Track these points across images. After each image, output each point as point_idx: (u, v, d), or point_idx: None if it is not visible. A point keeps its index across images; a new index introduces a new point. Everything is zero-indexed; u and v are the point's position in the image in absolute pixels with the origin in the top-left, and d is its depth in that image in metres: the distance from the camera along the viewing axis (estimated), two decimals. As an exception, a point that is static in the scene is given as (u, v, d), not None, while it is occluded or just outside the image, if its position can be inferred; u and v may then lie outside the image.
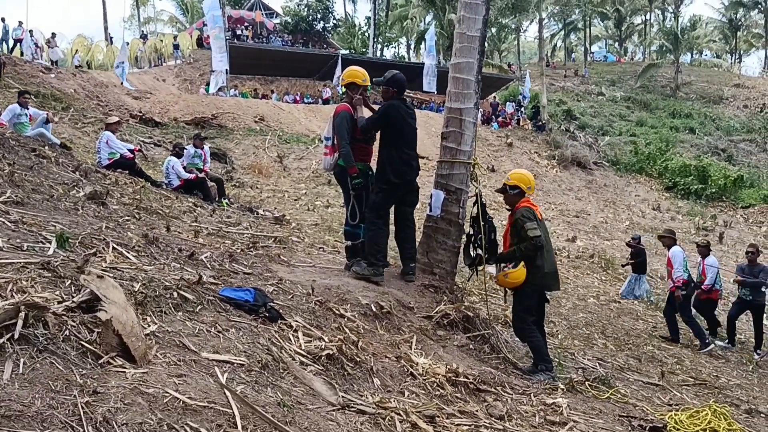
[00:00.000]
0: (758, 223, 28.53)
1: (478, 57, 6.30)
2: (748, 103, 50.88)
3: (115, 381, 2.63)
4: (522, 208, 5.82)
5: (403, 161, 6.05)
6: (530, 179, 6.05)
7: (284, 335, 3.93)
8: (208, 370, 3.05)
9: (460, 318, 5.66)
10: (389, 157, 6.01)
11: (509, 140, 31.95)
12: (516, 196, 5.93)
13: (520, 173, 6.19)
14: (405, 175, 6.06)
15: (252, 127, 25.33)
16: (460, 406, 4.06)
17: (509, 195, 5.98)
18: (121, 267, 3.99)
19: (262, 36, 45.78)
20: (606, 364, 7.09)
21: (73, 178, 7.88)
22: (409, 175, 6.09)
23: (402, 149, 6.03)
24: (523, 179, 6.00)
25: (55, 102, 20.01)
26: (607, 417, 4.89)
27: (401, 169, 6.03)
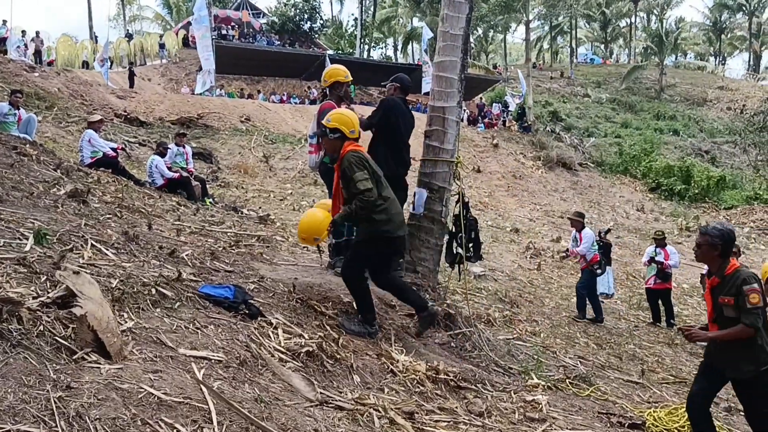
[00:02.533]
0: (740, 224, 28.79)
1: (461, 55, 6.33)
2: (731, 105, 51.34)
3: (89, 376, 2.62)
4: (348, 153, 4.88)
5: (395, 156, 6.09)
6: (353, 121, 5.06)
7: (264, 332, 3.92)
8: (185, 366, 3.04)
9: (441, 316, 5.68)
10: (381, 152, 6.04)
11: (495, 141, 32.05)
12: (337, 140, 4.98)
13: (341, 113, 5.16)
14: (397, 168, 6.10)
15: (238, 127, 25.23)
16: (439, 402, 4.07)
17: (329, 140, 5.04)
18: (99, 264, 3.97)
19: (249, 36, 45.64)
20: (587, 362, 7.14)
21: (55, 176, 7.80)
22: (400, 170, 6.14)
23: (395, 145, 6.08)
24: (345, 121, 5.02)
25: (39, 101, 19.82)
26: (587, 414, 4.92)
27: (393, 163, 6.07)
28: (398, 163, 6.15)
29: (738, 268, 4.31)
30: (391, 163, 6.08)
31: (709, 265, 4.56)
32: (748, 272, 4.28)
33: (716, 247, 4.34)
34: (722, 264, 4.36)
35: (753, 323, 4.12)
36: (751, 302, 4.11)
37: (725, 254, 4.37)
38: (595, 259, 10.43)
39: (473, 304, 7.11)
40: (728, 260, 4.37)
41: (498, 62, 64.74)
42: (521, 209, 25.88)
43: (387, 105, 6.13)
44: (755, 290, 4.13)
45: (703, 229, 4.53)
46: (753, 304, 4.11)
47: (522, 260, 16.68)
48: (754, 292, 4.12)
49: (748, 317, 4.13)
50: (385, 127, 6.08)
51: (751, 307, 4.11)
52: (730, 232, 4.42)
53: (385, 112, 6.07)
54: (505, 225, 21.51)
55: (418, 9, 46.95)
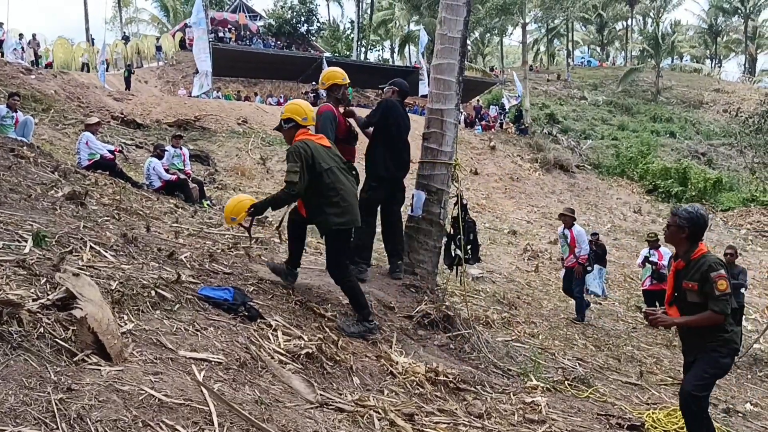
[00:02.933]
0: (737, 225, 28.88)
1: (459, 58, 6.35)
2: (727, 107, 51.46)
3: (90, 378, 2.61)
4: (296, 142, 4.91)
5: (393, 158, 6.11)
6: (306, 110, 5.07)
7: (263, 334, 3.92)
8: (186, 368, 3.04)
9: (440, 318, 5.69)
10: (379, 154, 6.06)
11: (492, 143, 32.06)
12: (291, 129, 5.00)
13: (295, 103, 5.19)
14: (396, 170, 6.12)
15: (235, 129, 25.20)
16: (439, 404, 4.08)
17: (284, 130, 5.07)
18: (99, 266, 3.96)
19: (246, 38, 45.64)
20: (586, 364, 7.14)
21: (52, 179, 7.80)
22: (399, 172, 6.16)
23: (394, 146, 6.10)
24: (298, 110, 5.03)
25: (36, 103, 19.76)
26: (586, 415, 4.93)
27: (392, 164, 6.09)
28: (397, 165, 6.18)
29: (705, 253, 4.22)
30: (390, 165, 6.11)
31: (676, 248, 4.43)
32: (715, 258, 4.19)
33: (683, 230, 4.25)
34: (689, 248, 4.26)
35: (722, 310, 4.06)
36: (719, 289, 4.03)
37: (693, 238, 4.26)
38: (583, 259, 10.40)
39: (471, 305, 7.11)
40: (696, 245, 4.26)
41: (495, 65, 64.82)
42: (519, 211, 25.90)
43: (385, 106, 6.15)
44: (723, 276, 4.05)
45: (674, 210, 4.43)
46: (721, 290, 4.03)
47: (520, 262, 16.70)
48: (722, 279, 4.04)
49: (717, 304, 4.06)
50: (384, 129, 6.10)
51: (719, 294, 4.03)
52: (699, 217, 4.28)
53: (384, 112, 6.10)
54: (502, 227, 21.53)
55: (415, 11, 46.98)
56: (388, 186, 6.14)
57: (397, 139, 6.15)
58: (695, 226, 4.23)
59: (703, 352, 4.26)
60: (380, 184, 6.09)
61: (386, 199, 6.20)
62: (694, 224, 4.23)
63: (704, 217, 4.30)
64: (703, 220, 4.27)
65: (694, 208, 4.34)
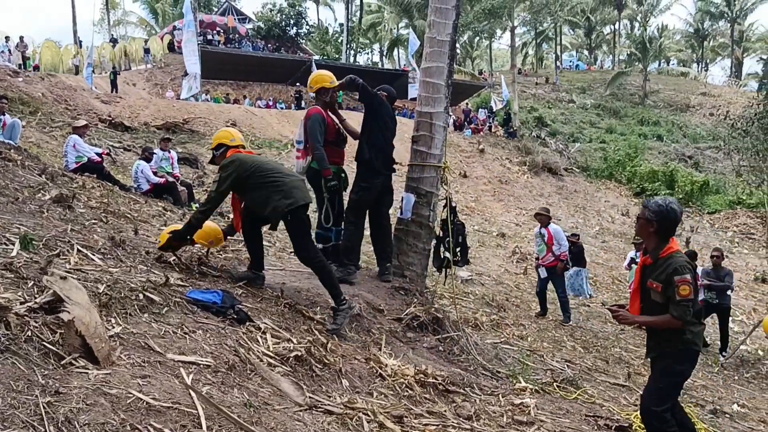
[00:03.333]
0: (724, 228, 29.12)
1: (448, 61, 6.37)
2: (714, 111, 51.86)
3: (78, 381, 2.60)
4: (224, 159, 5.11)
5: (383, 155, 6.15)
6: (233, 133, 5.35)
7: (252, 337, 3.91)
8: (174, 371, 3.03)
9: (429, 320, 5.70)
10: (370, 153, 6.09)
11: (481, 147, 32.18)
12: (222, 154, 5.18)
13: (221, 131, 5.49)
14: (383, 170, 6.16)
15: (224, 132, 25.10)
16: (428, 406, 4.08)
17: (218, 158, 5.25)
18: (86, 269, 3.94)
19: (235, 41, 45.54)
20: (574, 365, 7.18)
21: (39, 182, 7.75)
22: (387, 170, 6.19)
23: (383, 141, 6.14)
24: (225, 135, 5.33)
25: (23, 106, 19.68)
26: (574, 417, 4.95)
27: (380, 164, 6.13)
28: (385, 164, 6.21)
29: (673, 252, 3.99)
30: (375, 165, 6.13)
31: (645, 242, 4.20)
32: (682, 260, 3.94)
33: (651, 224, 4.01)
34: (658, 244, 4.04)
35: (681, 316, 3.88)
36: (681, 294, 3.84)
37: (662, 234, 4.02)
38: (564, 256, 10.47)
39: (460, 308, 7.13)
40: (666, 242, 4.02)
41: (483, 68, 65.03)
42: (507, 214, 25.99)
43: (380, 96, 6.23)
44: (686, 281, 3.84)
45: (645, 202, 4.19)
46: (682, 296, 3.84)
47: (508, 264, 16.76)
48: (685, 284, 3.84)
49: (676, 309, 3.88)
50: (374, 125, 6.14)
51: (680, 299, 3.85)
52: (670, 211, 3.99)
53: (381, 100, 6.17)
54: (491, 230, 21.60)
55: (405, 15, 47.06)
56: (377, 187, 6.15)
57: (384, 135, 6.20)
58: (665, 220, 3.99)
59: (660, 358, 4.12)
60: (369, 185, 6.10)
61: (375, 201, 6.22)
62: (663, 218, 3.98)
63: (675, 211, 4.01)
64: (673, 214, 4.00)
65: (665, 201, 4.07)
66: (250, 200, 5.06)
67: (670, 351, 4.06)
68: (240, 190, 5.03)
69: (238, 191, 5.05)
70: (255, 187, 4.94)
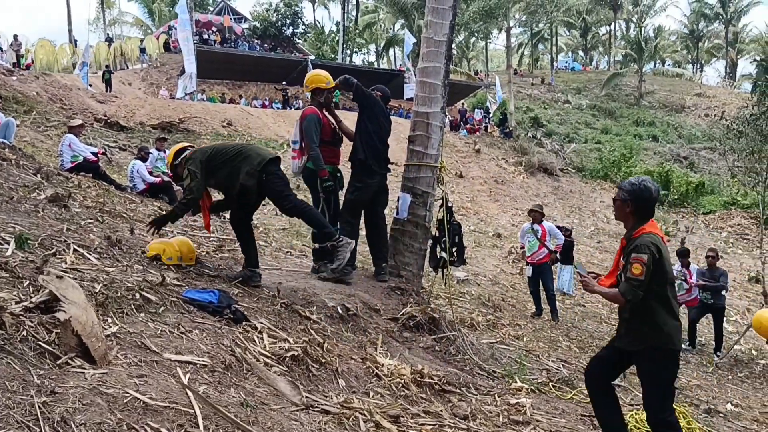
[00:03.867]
0: (718, 228, 29.23)
1: (444, 61, 6.37)
2: (708, 112, 52.04)
3: (74, 381, 2.59)
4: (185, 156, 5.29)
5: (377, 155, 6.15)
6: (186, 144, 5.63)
7: (249, 336, 3.91)
8: (170, 370, 3.02)
9: (425, 320, 5.70)
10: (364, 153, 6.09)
11: (477, 147, 32.22)
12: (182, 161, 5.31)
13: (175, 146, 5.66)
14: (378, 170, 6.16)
15: (220, 132, 25.11)
16: (424, 406, 4.09)
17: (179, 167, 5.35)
18: (82, 268, 3.93)
19: (230, 41, 45.48)
20: (570, 365, 7.18)
21: (35, 181, 7.72)
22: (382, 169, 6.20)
23: (378, 141, 6.14)
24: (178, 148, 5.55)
25: (17, 105, 19.61)
26: (570, 416, 4.96)
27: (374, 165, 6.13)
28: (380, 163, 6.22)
29: (644, 233, 3.85)
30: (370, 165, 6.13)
31: (624, 224, 4.07)
32: (647, 240, 3.80)
33: (627, 204, 3.92)
34: (635, 224, 3.93)
35: (625, 293, 3.78)
36: (633, 272, 3.74)
37: (639, 213, 3.92)
38: (558, 248, 10.48)
39: (457, 308, 7.14)
40: (643, 221, 3.90)
41: (480, 69, 65.08)
42: (503, 214, 26.03)
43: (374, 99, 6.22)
44: (640, 260, 3.72)
45: (619, 184, 4.11)
46: (633, 274, 3.73)
47: (504, 265, 16.78)
48: (638, 263, 3.72)
49: (623, 286, 3.81)
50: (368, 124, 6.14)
51: (630, 277, 3.76)
52: (644, 189, 3.89)
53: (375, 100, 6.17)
54: (487, 230, 21.63)
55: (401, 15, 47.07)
56: (373, 187, 6.15)
57: (378, 135, 6.20)
58: (639, 199, 3.88)
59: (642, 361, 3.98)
60: (365, 185, 6.11)
61: (370, 201, 6.22)
62: (638, 197, 3.88)
63: (650, 189, 3.90)
64: (647, 193, 3.89)
65: (638, 180, 3.98)
66: (223, 179, 5.21)
67: (649, 351, 3.90)
68: (210, 175, 5.17)
69: (209, 177, 5.17)
70: (221, 165, 5.15)
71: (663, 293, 3.86)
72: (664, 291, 3.86)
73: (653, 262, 3.76)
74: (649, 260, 3.73)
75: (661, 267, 3.80)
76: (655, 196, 3.95)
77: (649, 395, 4.02)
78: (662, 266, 3.81)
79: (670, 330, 3.87)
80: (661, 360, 3.90)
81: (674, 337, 3.91)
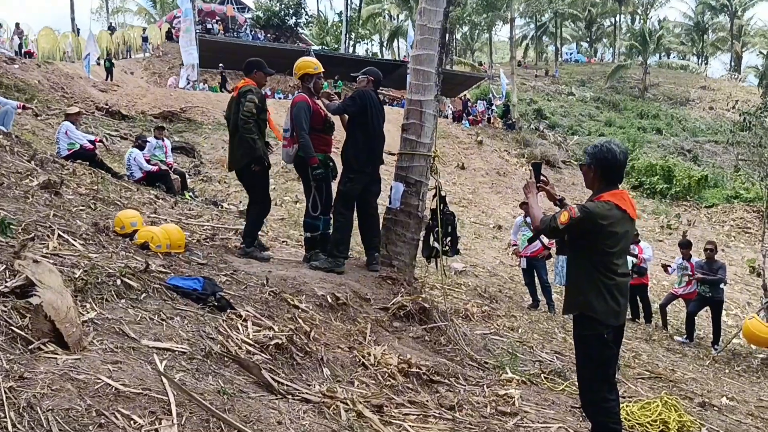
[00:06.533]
0: (721, 222, 29.08)
1: (438, 49, 6.28)
2: (713, 105, 51.79)
3: (45, 367, 2.56)
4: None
5: (369, 149, 6.07)
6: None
7: (232, 324, 3.86)
8: (147, 357, 2.99)
9: (416, 310, 5.64)
10: (357, 145, 6.02)
11: (479, 138, 32.08)
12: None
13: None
14: (369, 163, 6.08)
15: (221, 122, 24.93)
16: (410, 396, 4.04)
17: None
18: (64, 254, 3.89)
19: (233, 30, 45.31)
20: (564, 357, 7.12)
21: (28, 168, 7.69)
22: (373, 163, 6.12)
23: (369, 137, 6.05)
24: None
25: (19, 93, 19.56)
26: (559, 408, 4.91)
27: (367, 157, 6.05)
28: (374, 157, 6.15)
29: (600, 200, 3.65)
30: (367, 157, 6.07)
31: (592, 191, 3.81)
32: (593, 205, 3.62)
33: (591, 168, 3.71)
34: (597, 191, 3.72)
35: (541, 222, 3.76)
36: (560, 215, 3.61)
37: (605, 178, 3.69)
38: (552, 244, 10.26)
39: (452, 299, 7.09)
40: (609, 188, 3.69)
41: (483, 60, 64.79)
42: (505, 206, 25.92)
43: (362, 95, 6.07)
44: (571, 211, 3.56)
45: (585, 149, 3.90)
46: (558, 218, 3.61)
47: (504, 257, 16.72)
48: (568, 212, 3.57)
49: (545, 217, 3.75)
50: (361, 119, 6.04)
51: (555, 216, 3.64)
52: (607, 151, 3.65)
53: (362, 102, 6.02)
54: (488, 222, 21.55)
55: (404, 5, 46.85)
56: (365, 178, 6.09)
57: (374, 130, 6.11)
58: (603, 161, 3.65)
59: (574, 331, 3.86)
60: (357, 176, 6.04)
61: (363, 190, 6.15)
62: (598, 160, 3.66)
63: (613, 151, 3.64)
64: (611, 154, 3.64)
65: (602, 142, 3.74)
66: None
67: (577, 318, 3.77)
68: None
69: None
70: None
71: (600, 263, 3.65)
72: (603, 262, 3.65)
73: (584, 227, 3.58)
74: (578, 220, 3.54)
75: (597, 235, 3.60)
76: (621, 158, 3.68)
77: (578, 370, 3.93)
78: (600, 235, 3.59)
79: (595, 302, 3.64)
80: (586, 333, 3.73)
81: (599, 310, 3.64)
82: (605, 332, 3.69)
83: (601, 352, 3.73)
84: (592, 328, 3.70)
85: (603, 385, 3.77)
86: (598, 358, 3.74)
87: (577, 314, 3.83)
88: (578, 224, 3.58)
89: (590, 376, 3.79)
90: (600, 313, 3.66)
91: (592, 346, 3.74)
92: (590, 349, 3.76)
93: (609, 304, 3.67)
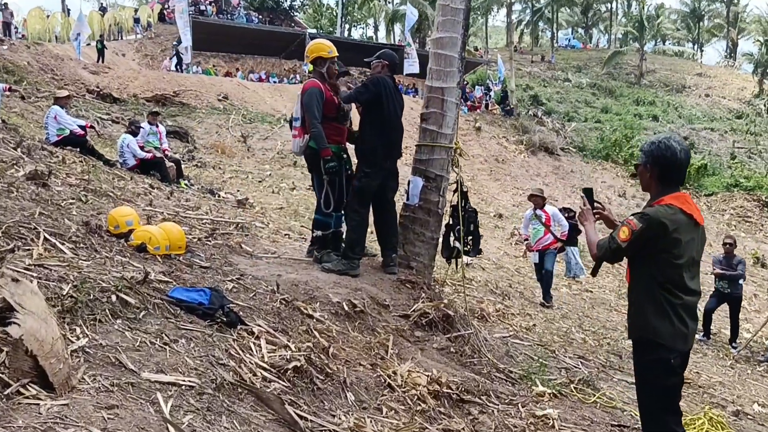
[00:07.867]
0: (721, 210, 28.84)
1: (462, 32, 5.73)
2: (709, 92, 51.44)
3: (25, 418, 2.07)
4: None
5: (387, 141, 5.55)
6: None
7: (244, 344, 3.38)
8: (149, 396, 2.50)
9: (439, 317, 5.15)
10: (373, 136, 5.50)
11: (478, 124, 31.58)
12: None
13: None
14: (387, 156, 5.57)
15: (215, 106, 24.46)
16: (444, 423, 3.60)
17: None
18: (50, 264, 3.38)
19: (227, 12, 44.41)
20: (588, 362, 6.70)
21: (14, 156, 7.17)
22: (391, 157, 5.60)
23: (386, 128, 5.52)
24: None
25: (7, 74, 19.00)
26: (599, 427, 4.49)
27: (385, 150, 5.53)
28: (391, 149, 5.62)
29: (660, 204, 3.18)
30: (380, 151, 5.54)
31: (650, 195, 3.35)
32: (654, 210, 3.15)
33: (647, 168, 3.26)
34: (656, 194, 3.26)
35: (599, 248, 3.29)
36: (619, 233, 3.17)
37: (663, 181, 3.23)
38: (564, 236, 10.00)
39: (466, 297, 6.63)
40: (667, 191, 3.22)
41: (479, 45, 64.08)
42: (504, 194, 25.52)
43: (376, 82, 5.52)
44: (631, 224, 3.12)
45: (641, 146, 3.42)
46: (618, 236, 3.17)
47: (507, 247, 16.31)
48: (628, 227, 3.13)
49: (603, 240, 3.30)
50: (377, 108, 5.51)
51: (614, 236, 3.22)
52: (665, 149, 3.19)
53: (376, 90, 5.48)
54: (488, 210, 21.11)
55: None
56: (382, 173, 5.56)
57: (390, 119, 5.58)
58: (662, 159, 3.19)
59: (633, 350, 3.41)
60: (374, 170, 5.50)
61: (379, 186, 5.60)
62: (659, 159, 3.20)
63: (672, 148, 3.18)
64: (670, 152, 3.18)
65: (659, 138, 3.28)
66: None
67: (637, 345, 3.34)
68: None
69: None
70: None
71: (665, 278, 3.17)
72: (668, 276, 3.17)
73: (649, 236, 3.12)
74: (641, 231, 3.10)
75: (663, 248, 3.13)
76: (682, 156, 3.20)
77: (638, 400, 3.43)
78: (664, 244, 3.12)
79: (658, 325, 3.19)
80: (648, 359, 3.26)
81: (664, 334, 3.18)
82: (672, 357, 3.21)
83: (666, 380, 3.25)
84: (656, 353, 3.21)
85: (669, 415, 3.29)
86: (662, 387, 3.26)
87: (636, 338, 3.35)
88: (641, 236, 3.11)
89: (654, 406, 3.30)
90: (665, 337, 3.18)
91: (656, 373, 3.25)
92: (654, 377, 3.26)
93: (675, 327, 3.19)
